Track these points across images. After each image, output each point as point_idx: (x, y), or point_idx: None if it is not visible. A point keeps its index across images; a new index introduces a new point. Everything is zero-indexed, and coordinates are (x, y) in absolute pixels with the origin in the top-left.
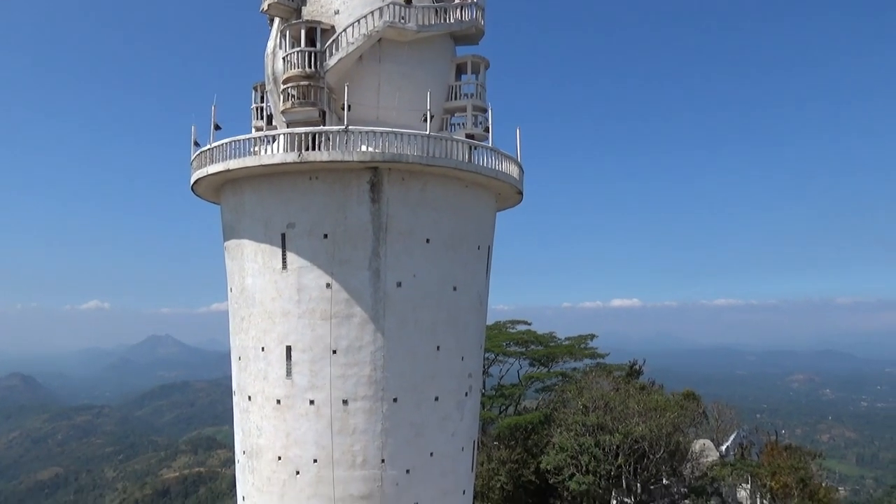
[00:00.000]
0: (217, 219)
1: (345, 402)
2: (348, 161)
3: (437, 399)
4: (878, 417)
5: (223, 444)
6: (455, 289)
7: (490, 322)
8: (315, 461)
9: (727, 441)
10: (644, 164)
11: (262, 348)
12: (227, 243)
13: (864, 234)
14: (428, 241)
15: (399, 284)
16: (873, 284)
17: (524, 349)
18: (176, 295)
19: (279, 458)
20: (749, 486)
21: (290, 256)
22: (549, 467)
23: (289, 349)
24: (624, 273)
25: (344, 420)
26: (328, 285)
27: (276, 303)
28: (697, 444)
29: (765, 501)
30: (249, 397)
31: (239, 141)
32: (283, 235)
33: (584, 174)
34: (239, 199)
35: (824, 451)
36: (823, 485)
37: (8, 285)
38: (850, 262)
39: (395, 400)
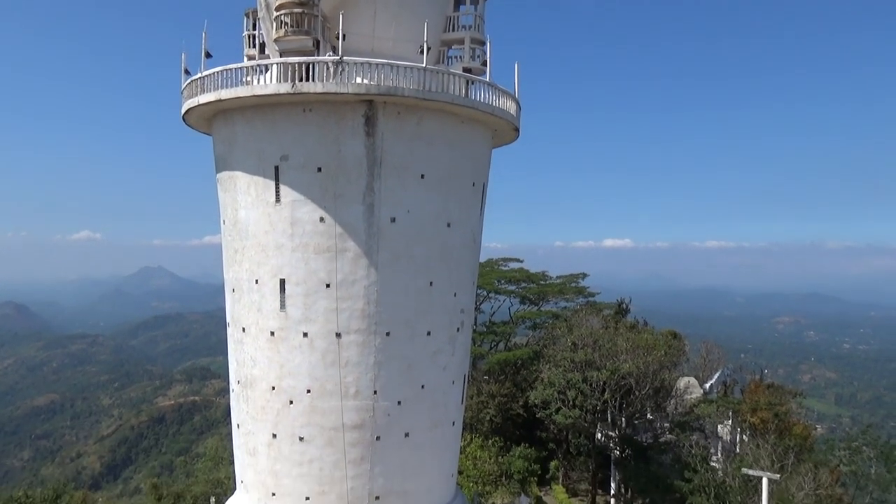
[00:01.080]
0: (210, 150)
1: (338, 335)
2: (343, 93)
3: (429, 333)
4: (859, 359)
5: (217, 374)
6: (449, 225)
7: (483, 259)
8: (308, 392)
9: (711, 379)
10: (640, 103)
11: (256, 281)
12: (219, 175)
13: (858, 179)
14: (423, 176)
15: (393, 220)
16: (864, 230)
17: (516, 287)
18: (168, 227)
19: (273, 388)
20: (730, 422)
21: (284, 189)
22: (537, 401)
23: (282, 282)
24: (617, 214)
25: (337, 353)
26: (322, 219)
27: (270, 236)
28: (682, 382)
29: (744, 437)
30: (243, 329)
31: (231, 70)
32: (277, 168)
33: (581, 112)
34: (231, 130)
35: (804, 390)
36: (801, 422)
37: None
38: (843, 207)
39: (387, 334)
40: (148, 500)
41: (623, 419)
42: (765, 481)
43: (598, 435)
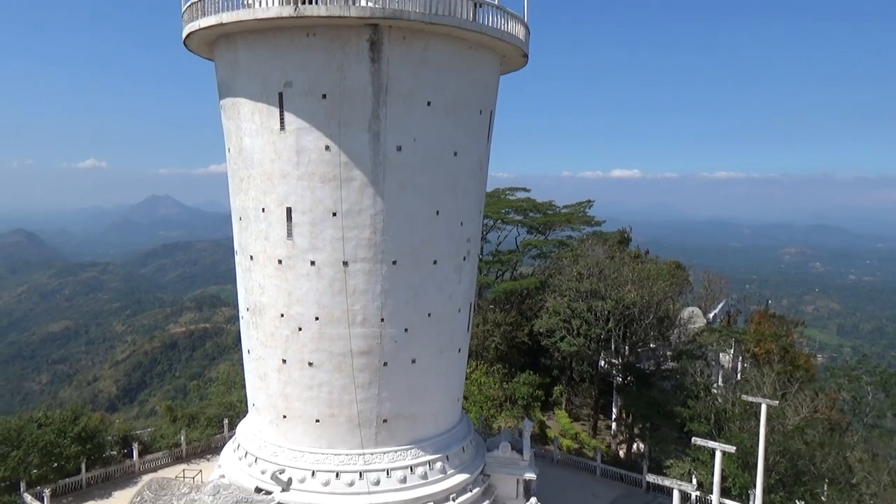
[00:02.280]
0: (214, 76)
1: (345, 263)
2: (346, 17)
3: (435, 262)
4: (864, 290)
5: (227, 302)
6: (455, 154)
7: (489, 189)
8: (317, 319)
9: (715, 309)
10: (651, 33)
11: (263, 209)
12: (222, 102)
13: (872, 109)
14: (429, 104)
15: (399, 148)
16: (875, 160)
17: (523, 216)
18: (174, 155)
19: (282, 316)
20: (732, 351)
21: (289, 117)
22: (541, 330)
23: (289, 210)
24: (626, 143)
25: (344, 281)
26: (327, 147)
27: (275, 164)
28: (686, 312)
29: (746, 365)
30: (251, 257)
31: None
32: (281, 95)
33: (591, 39)
34: (233, 55)
35: (807, 320)
36: (803, 351)
37: (1, 142)
38: (856, 137)
39: (394, 262)
40: (163, 422)
41: (626, 347)
42: (763, 407)
43: (602, 362)
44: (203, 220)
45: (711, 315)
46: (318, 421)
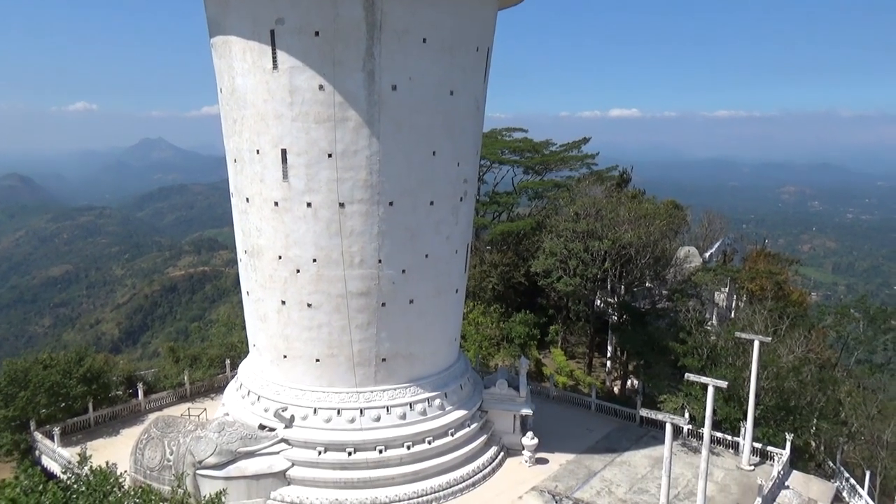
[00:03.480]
0: (203, 14)
1: (341, 205)
2: None
3: (432, 203)
4: (861, 229)
5: (224, 245)
6: (452, 93)
7: (486, 129)
8: (314, 261)
9: (712, 248)
10: None
11: (257, 151)
12: (213, 40)
13: (875, 42)
14: (424, 41)
15: (394, 87)
16: (878, 97)
17: (520, 157)
18: (166, 98)
19: (279, 258)
20: (727, 289)
21: (281, 55)
22: (538, 270)
23: (284, 152)
24: (625, 83)
25: (341, 222)
26: (321, 87)
27: (269, 104)
28: (682, 251)
29: (740, 303)
30: (247, 199)
31: None
32: (272, 32)
33: None
34: None
35: (803, 259)
36: (797, 289)
37: None
38: (858, 73)
39: (390, 204)
40: (166, 363)
41: (622, 287)
42: (756, 344)
43: (598, 302)
44: (198, 163)
45: (708, 254)
46: (318, 361)
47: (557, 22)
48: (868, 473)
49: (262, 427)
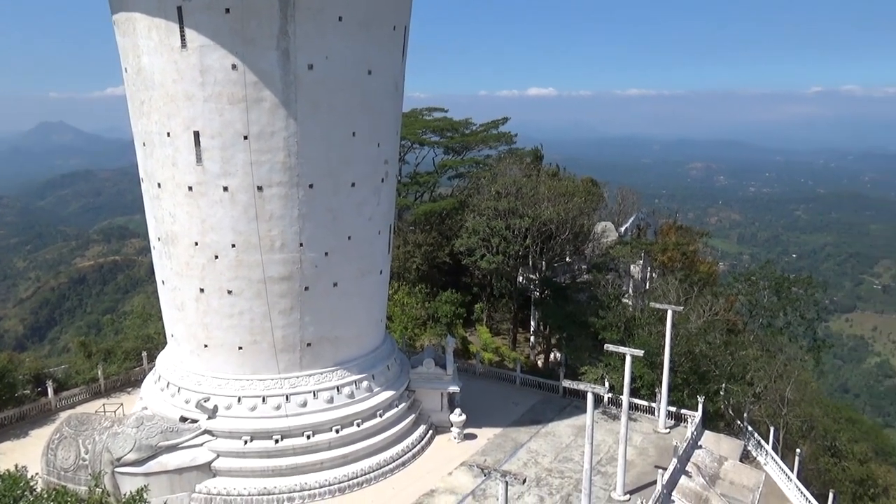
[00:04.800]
0: None
1: (259, 188)
2: None
3: (353, 185)
4: (763, 201)
5: (136, 233)
6: (370, 72)
7: (405, 109)
8: (233, 246)
9: (626, 223)
10: None
11: (168, 134)
12: (115, 17)
13: (775, 23)
14: (340, 19)
15: (311, 67)
16: (777, 76)
17: (440, 137)
18: (64, 77)
19: (196, 244)
20: (642, 262)
21: (190, 33)
22: (462, 249)
23: (197, 134)
24: (541, 62)
25: (260, 206)
26: (234, 66)
27: (179, 85)
28: (599, 226)
29: (654, 275)
30: (159, 184)
31: None
32: (180, 9)
33: None
34: None
35: (711, 231)
36: (706, 260)
37: None
38: (759, 53)
39: (310, 186)
40: (77, 358)
41: (543, 263)
42: (669, 313)
43: (520, 278)
44: (104, 147)
45: (623, 229)
46: (240, 348)
47: (473, 1)
48: (772, 430)
49: (183, 419)
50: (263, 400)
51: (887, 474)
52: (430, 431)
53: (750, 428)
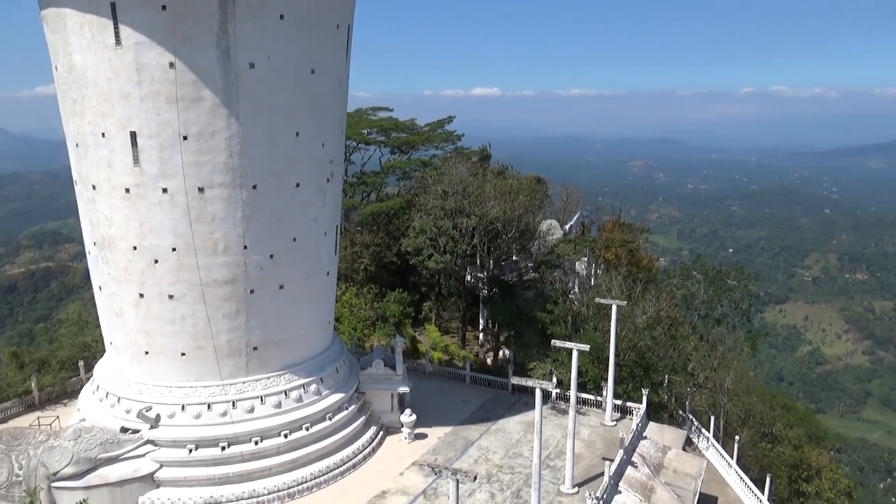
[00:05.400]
0: None
1: (201, 189)
2: None
3: (298, 185)
4: (700, 198)
5: (70, 238)
6: (313, 71)
7: (350, 109)
8: (174, 249)
9: (571, 220)
10: None
11: (103, 134)
12: (44, 13)
13: (707, 27)
14: (282, 17)
15: (252, 65)
16: (710, 77)
17: (386, 137)
18: None
19: (134, 248)
20: (586, 259)
21: (125, 30)
22: (409, 249)
23: (133, 135)
24: (485, 62)
25: (201, 208)
26: (172, 65)
27: (113, 83)
28: (545, 224)
29: (599, 271)
30: (94, 186)
31: None
32: (113, 5)
33: None
34: None
35: (652, 227)
36: (648, 255)
37: None
38: (693, 53)
39: (254, 187)
40: (9, 370)
41: (491, 261)
42: (614, 308)
43: (468, 277)
44: (35, 149)
45: (568, 226)
46: (183, 354)
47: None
48: (713, 418)
49: (124, 430)
50: (209, 407)
51: (819, 457)
52: (381, 432)
53: (692, 417)
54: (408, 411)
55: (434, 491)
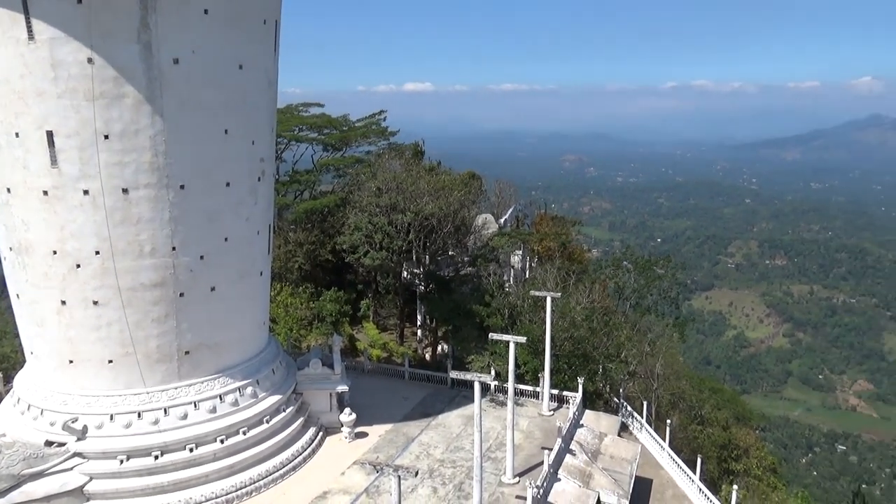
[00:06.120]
0: None
1: (125, 190)
2: None
3: (228, 185)
4: (630, 190)
5: None
6: (241, 67)
7: (280, 106)
8: (97, 253)
9: (505, 215)
10: None
11: (17, 134)
12: None
13: (632, 22)
14: (206, 11)
15: (176, 61)
16: (636, 72)
17: (318, 134)
18: None
19: (54, 253)
20: (521, 252)
21: (38, 24)
22: (345, 246)
23: (50, 134)
24: (417, 56)
25: (126, 210)
26: (90, 60)
27: (27, 80)
28: (480, 219)
29: (533, 264)
30: (8, 189)
31: None
32: None
33: None
34: None
35: (584, 220)
36: (580, 247)
37: None
38: (618, 50)
39: (182, 187)
40: None
41: (427, 257)
42: (549, 300)
43: (405, 273)
44: None
45: (503, 220)
46: (111, 362)
47: None
48: (645, 403)
49: (49, 443)
50: (139, 415)
51: (746, 436)
52: (321, 433)
53: (626, 404)
54: (347, 410)
55: (377, 489)
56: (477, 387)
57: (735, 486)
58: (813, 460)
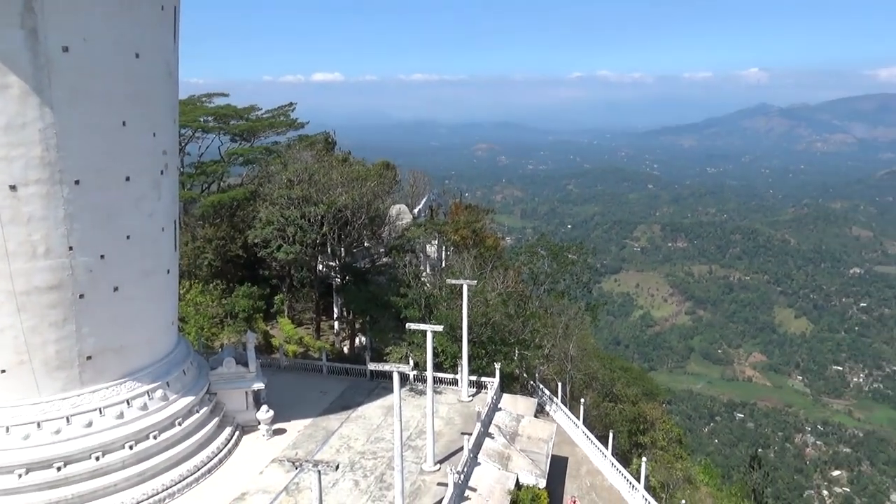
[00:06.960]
0: None
1: (13, 187)
2: None
3: (128, 179)
4: (540, 178)
5: None
6: (138, 56)
7: (183, 96)
8: None
9: (420, 204)
10: None
11: None
12: None
13: (536, 11)
14: None
15: (66, 49)
16: (543, 62)
17: (224, 124)
18: None
19: None
20: (437, 241)
21: None
22: (256, 241)
23: None
24: (325, 46)
25: (15, 208)
26: None
27: None
28: (394, 209)
29: (448, 253)
30: None
31: None
32: None
33: None
34: None
35: (497, 208)
36: (493, 235)
37: None
38: (524, 40)
39: (77, 182)
40: None
41: (342, 249)
42: (465, 287)
43: (320, 266)
44: None
45: (417, 210)
46: (4, 371)
47: None
48: (560, 384)
49: None
50: (38, 426)
51: (653, 410)
52: (237, 432)
53: (541, 386)
54: (264, 408)
55: (297, 486)
56: (396, 377)
57: (644, 459)
58: (714, 429)
